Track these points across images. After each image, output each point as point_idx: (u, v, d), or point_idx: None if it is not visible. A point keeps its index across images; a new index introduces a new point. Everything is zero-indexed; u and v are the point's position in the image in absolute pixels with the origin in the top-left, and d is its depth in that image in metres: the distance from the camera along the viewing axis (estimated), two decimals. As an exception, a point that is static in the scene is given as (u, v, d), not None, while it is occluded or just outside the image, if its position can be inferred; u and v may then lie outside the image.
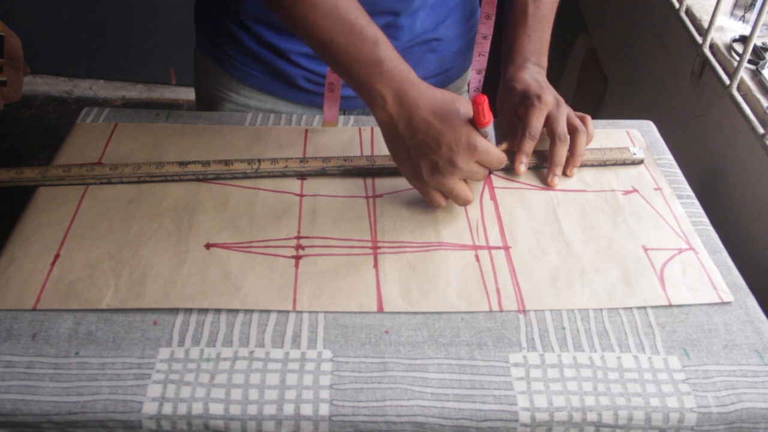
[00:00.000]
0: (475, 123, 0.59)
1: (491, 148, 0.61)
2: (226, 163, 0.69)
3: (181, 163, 0.68)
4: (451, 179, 0.61)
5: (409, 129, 0.60)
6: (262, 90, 0.82)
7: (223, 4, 0.78)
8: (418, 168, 0.61)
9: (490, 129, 0.60)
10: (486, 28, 0.77)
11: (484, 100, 0.58)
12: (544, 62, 0.76)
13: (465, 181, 0.63)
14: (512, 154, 0.71)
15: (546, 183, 0.71)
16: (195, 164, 0.68)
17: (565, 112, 0.70)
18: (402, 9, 0.75)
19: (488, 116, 0.59)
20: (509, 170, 0.71)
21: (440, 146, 0.59)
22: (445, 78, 0.87)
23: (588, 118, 0.73)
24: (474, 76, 0.81)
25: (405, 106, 0.60)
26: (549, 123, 0.70)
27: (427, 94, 0.60)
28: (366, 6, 0.72)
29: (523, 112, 0.70)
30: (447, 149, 0.59)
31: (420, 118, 0.59)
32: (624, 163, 0.74)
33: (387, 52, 0.61)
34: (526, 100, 0.70)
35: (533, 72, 0.73)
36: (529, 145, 0.70)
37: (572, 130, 0.70)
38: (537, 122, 0.69)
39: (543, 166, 0.72)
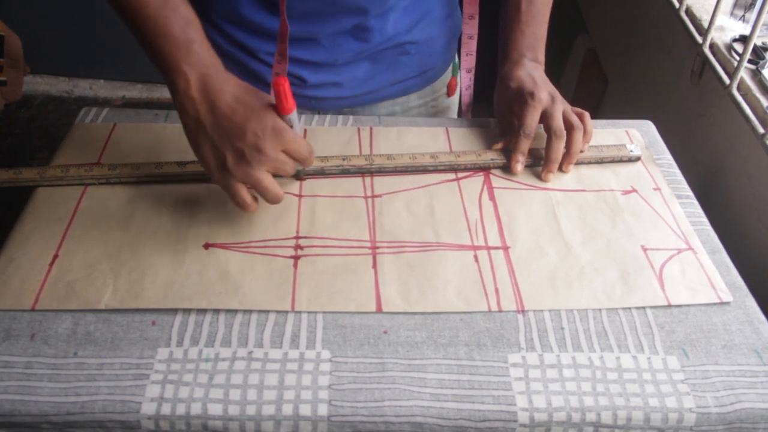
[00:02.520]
0: (277, 110, 0.56)
1: (299, 138, 0.58)
2: None
3: (180, 163, 0.68)
4: (258, 169, 0.57)
5: (212, 115, 0.57)
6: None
7: (193, 3, 0.78)
8: (222, 159, 0.57)
9: (294, 118, 0.58)
10: (470, 29, 0.77)
11: (285, 82, 0.55)
12: (541, 57, 0.76)
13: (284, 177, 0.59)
14: (508, 153, 0.71)
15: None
16: (194, 164, 0.68)
17: (560, 108, 0.70)
18: (370, 8, 0.73)
19: (291, 102, 0.56)
20: (507, 169, 0.71)
21: (245, 133, 0.56)
22: (421, 80, 0.86)
23: (586, 114, 0.72)
24: (464, 74, 0.81)
25: (209, 92, 0.57)
26: (544, 119, 0.70)
27: (231, 83, 0.58)
28: (331, 5, 0.71)
29: (517, 111, 0.70)
30: (253, 135, 0.56)
31: (224, 104, 0.56)
32: (621, 160, 0.74)
33: (198, 34, 0.58)
34: (520, 98, 0.70)
35: (529, 68, 0.73)
36: (524, 144, 0.70)
37: (569, 127, 0.70)
38: (531, 120, 0.69)
39: (540, 165, 0.72)
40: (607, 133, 0.79)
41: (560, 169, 0.71)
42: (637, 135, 0.79)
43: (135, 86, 2.23)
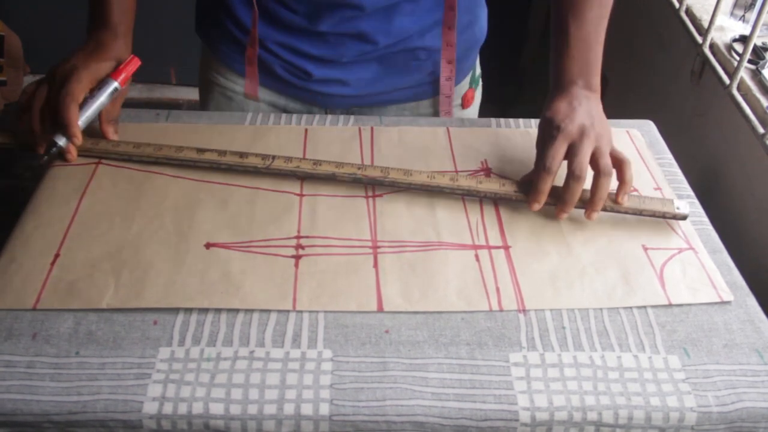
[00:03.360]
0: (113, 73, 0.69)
1: (80, 76, 0.67)
2: (241, 155, 0.69)
3: (199, 150, 0.69)
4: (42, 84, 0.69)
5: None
6: (245, 76, 0.83)
7: None
8: None
9: (106, 86, 0.69)
10: (451, 19, 0.75)
11: (135, 60, 0.71)
12: (595, 84, 0.69)
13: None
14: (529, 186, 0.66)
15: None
16: (211, 152, 0.69)
17: (589, 146, 0.62)
18: (366, 3, 0.72)
19: (118, 74, 0.69)
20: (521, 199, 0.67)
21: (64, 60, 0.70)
22: (433, 88, 0.84)
23: (626, 162, 0.64)
24: (444, 65, 0.79)
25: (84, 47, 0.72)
26: (567, 155, 0.63)
27: (98, 45, 0.70)
28: None
29: (546, 142, 0.64)
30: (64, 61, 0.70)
31: (79, 50, 0.71)
32: (664, 216, 0.66)
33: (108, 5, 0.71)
34: (548, 130, 0.65)
35: (575, 96, 0.67)
36: (543, 180, 0.63)
37: (596, 171, 0.63)
38: (552, 154, 0.63)
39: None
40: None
41: (585, 215, 0.65)
42: (638, 135, 0.79)
43: (135, 86, 2.23)
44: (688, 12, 1.11)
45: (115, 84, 0.69)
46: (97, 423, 0.49)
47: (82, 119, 0.67)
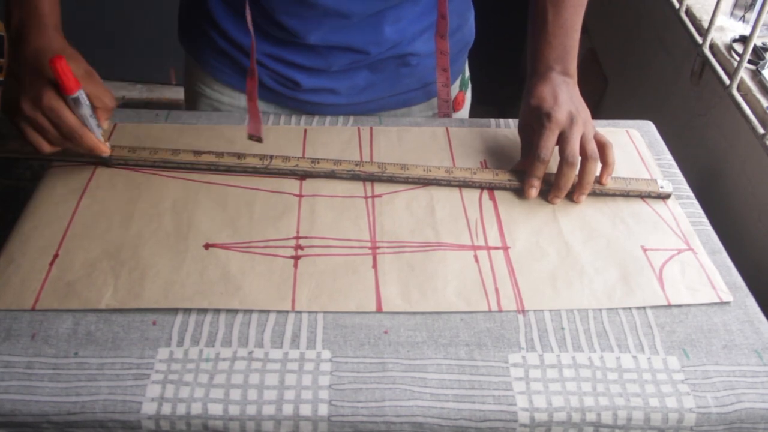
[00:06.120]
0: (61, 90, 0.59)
1: (63, 113, 0.59)
2: (239, 156, 0.69)
3: (196, 152, 0.69)
4: (19, 121, 0.61)
5: (15, 58, 0.62)
6: (233, 87, 0.82)
7: None
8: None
9: (81, 100, 0.60)
10: (443, 28, 0.74)
11: (59, 63, 0.57)
12: (572, 69, 0.71)
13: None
14: (523, 174, 0.69)
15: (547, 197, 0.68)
16: (209, 154, 0.69)
17: (578, 132, 0.65)
18: (352, 12, 0.72)
19: (69, 84, 0.58)
20: (518, 191, 0.69)
21: (20, 85, 0.60)
22: (424, 93, 0.84)
23: (608, 145, 0.67)
24: (440, 72, 0.79)
25: (20, 36, 0.62)
26: (559, 142, 0.66)
27: (41, 38, 0.61)
28: (309, 8, 0.71)
29: (535, 131, 0.67)
30: (21, 89, 0.59)
31: (25, 52, 0.61)
32: (649, 196, 0.69)
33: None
34: (537, 118, 0.67)
35: (555, 83, 0.68)
36: (538, 168, 0.66)
37: (583, 156, 0.65)
38: (545, 143, 0.65)
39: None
40: (607, 133, 0.78)
41: (572, 199, 0.68)
42: (638, 135, 0.79)
43: (135, 86, 2.23)
44: (688, 12, 1.11)
45: (77, 95, 0.60)
46: (96, 423, 0.49)
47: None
